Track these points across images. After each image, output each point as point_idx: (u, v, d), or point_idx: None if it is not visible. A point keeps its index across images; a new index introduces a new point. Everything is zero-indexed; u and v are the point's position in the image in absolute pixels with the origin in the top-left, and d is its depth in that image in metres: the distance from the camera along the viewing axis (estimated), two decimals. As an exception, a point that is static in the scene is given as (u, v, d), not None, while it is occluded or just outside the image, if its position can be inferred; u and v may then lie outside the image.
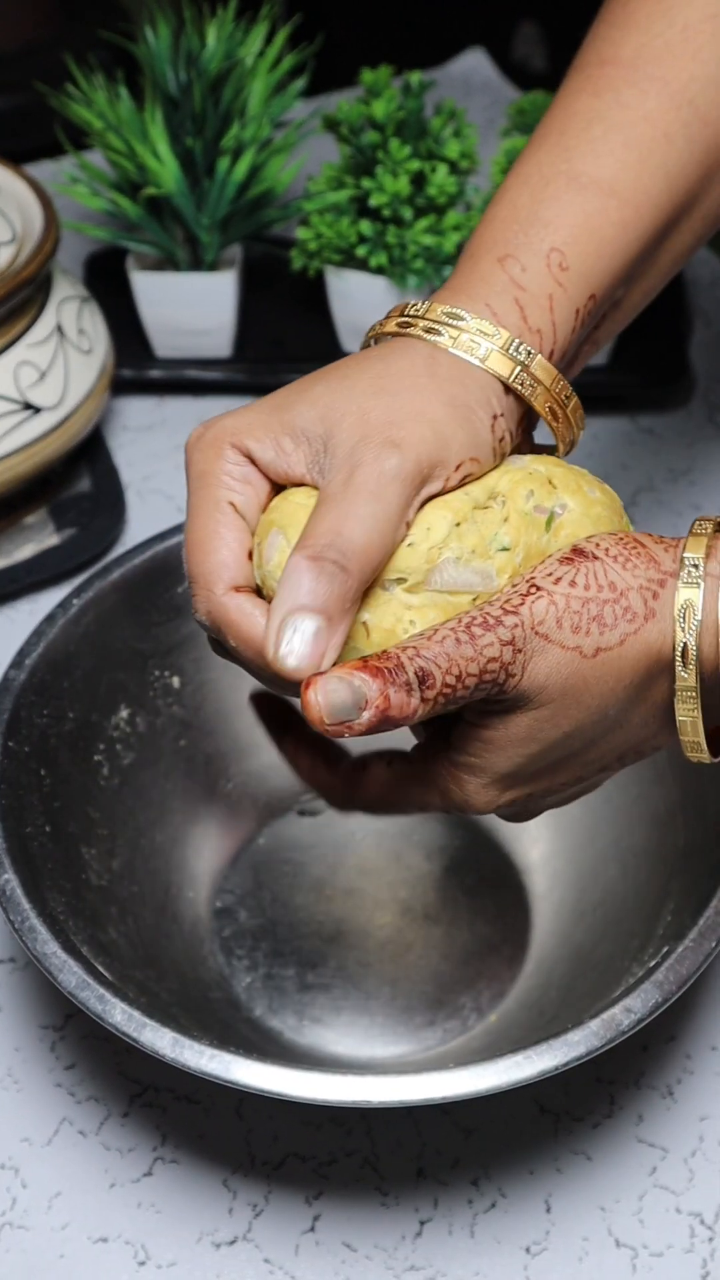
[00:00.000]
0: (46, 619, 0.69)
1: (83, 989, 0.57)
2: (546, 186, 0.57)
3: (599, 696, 0.51)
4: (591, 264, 0.57)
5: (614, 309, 0.61)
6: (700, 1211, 0.63)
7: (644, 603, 0.51)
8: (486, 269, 0.56)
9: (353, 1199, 0.63)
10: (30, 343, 0.85)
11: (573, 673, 0.50)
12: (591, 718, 0.52)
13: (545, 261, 0.56)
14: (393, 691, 0.48)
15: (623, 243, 0.57)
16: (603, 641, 0.50)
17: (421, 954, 0.72)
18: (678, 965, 0.57)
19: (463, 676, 0.49)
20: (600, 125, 0.58)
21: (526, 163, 0.59)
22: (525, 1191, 0.64)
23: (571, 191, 0.57)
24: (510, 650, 0.49)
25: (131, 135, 0.92)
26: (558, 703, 0.51)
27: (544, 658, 0.50)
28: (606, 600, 0.50)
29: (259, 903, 0.74)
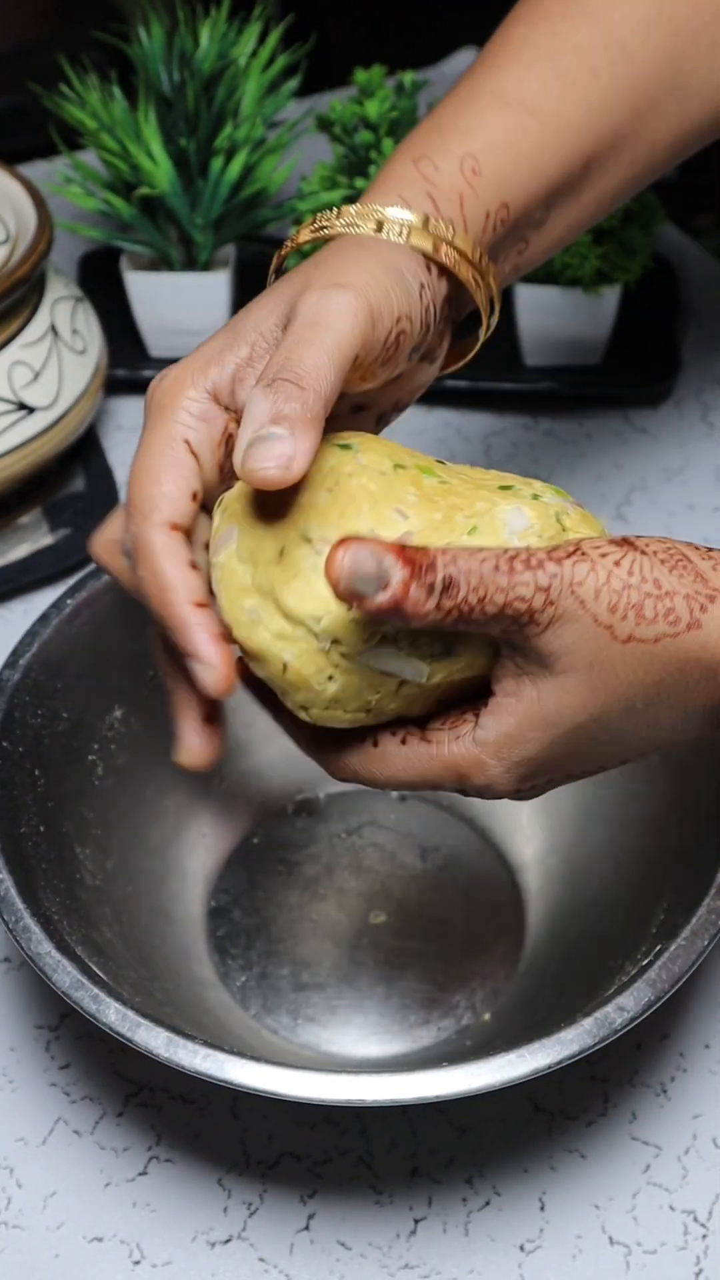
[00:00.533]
0: (40, 619, 0.69)
1: (77, 989, 0.57)
2: (470, 101, 0.59)
3: (627, 685, 0.49)
4: (505, 174, 0.57)
5: (534, 230, 0.61)
6: (694, 1209, 0.63)
7: (689, 612, 0.49)
8: (400, 169, 0.57)
9: (347, 1198, 0.64)
10: (24, 343, 0.85)
11: (599, 650, 0.49)
12: (618, 706, 0.50)
13: (459, 165, 0.57)
14: (415, 586, 0.46)
15: (539, 161, 0.58)
16: (637, 632, 0.49)
17: (416, 953, 0.72)
18: (670, 963, 0.57)
19: (486, 601, 0.47)
20: (531, 51, 0.60)
21: (458, 85, 0.60)
22: (519, 1189, 0.64)
23: (494, 106, 0.58)
24: (542, 598, 0.48)
25: (125, 135, 0.92)
26: (583, 677, 0.49)
27: (573, 624, 0.48)
28: (649, 594, 0.49)
29: (253, 902, 0.74)
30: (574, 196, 0.61)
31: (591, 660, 0.49)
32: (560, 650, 0.49)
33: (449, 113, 0.59)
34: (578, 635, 0.48)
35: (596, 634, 0.48)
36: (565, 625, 0.48)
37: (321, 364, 0.49)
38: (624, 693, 0.50)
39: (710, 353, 1.04)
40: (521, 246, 0.60)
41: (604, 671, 0.49)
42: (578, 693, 0.50)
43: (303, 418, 0.48)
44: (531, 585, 0.48)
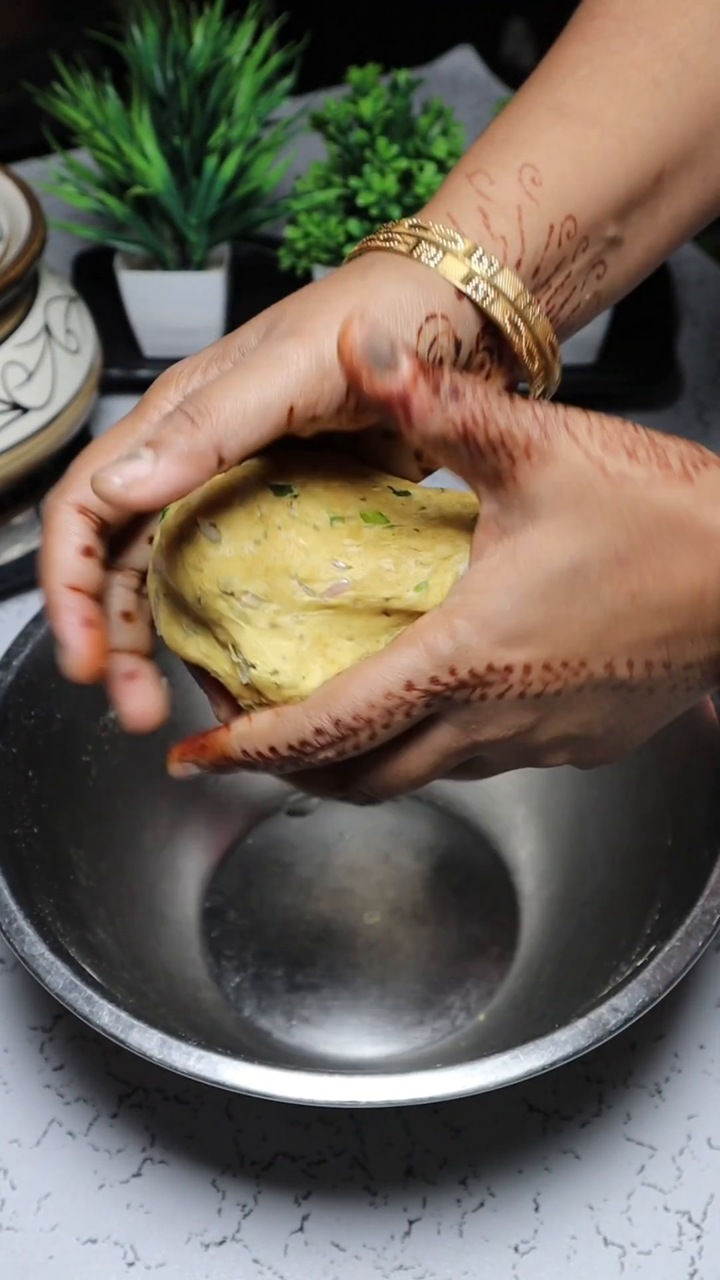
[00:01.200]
0: (34, 620, 0.69)
1: (70, 990, 0.57)
2: (526, 116, 0.56)
3: (611, 526, 0.47)
4: (570, 184, 0.54)
5: (611, 252, 0.58)
6: (688, 1209, 0.63)
7: (682, 466, 0.47)
8: (454, 185, 0.55)
9: (341, 1199, 0.63)
10: (18, 343, 0.84)
11: (588, 484, 0.46)
12: (600, 552, 0.47)
13: (517, 176, 0.54)
14: (423, 382, 0.45)
15: (606, 172, 0.55)
16: (629, 470, 0.46)
17: (410, 953, 0.72)
18: (665, 964, 0.57)
19: (487, 423, 0.46)
20: (587, 66, 0.57)
21: (511, 104, 0.58)
22: (514, 1190, 0.64)
23: (551, 118, 0.55)
24: (539, 431, 0.46)
25: (119, 134, 0.91)
26: (566, 518, 0.47)
27: (564, 461, 0.46)
28: (641, 441, 0.47)
29: (247, 903, 0.74)
30: (649, 214, 0.58)
31: (579, 495, 0.46)
32: (546, 490, 0.47)
33: (502, 129, 0.56)
34: (568, 471, 0.46)
35: (587, 468, 0.46)
36: (557, 463, 0.46)
37: (233, 409, 0.47)
38: (607, 535, 0.47)
39: (706, 352, 1.04)
40: (600, 271, 0.57)
41: (589, 508, 0.46)
42: (558, 534, 0.47)
43: (179, 451, 0.46)
44: (530, 418, 0.46)
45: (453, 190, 0.54)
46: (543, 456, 0.46)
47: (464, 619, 0.47)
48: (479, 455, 0.47)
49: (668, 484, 0.46)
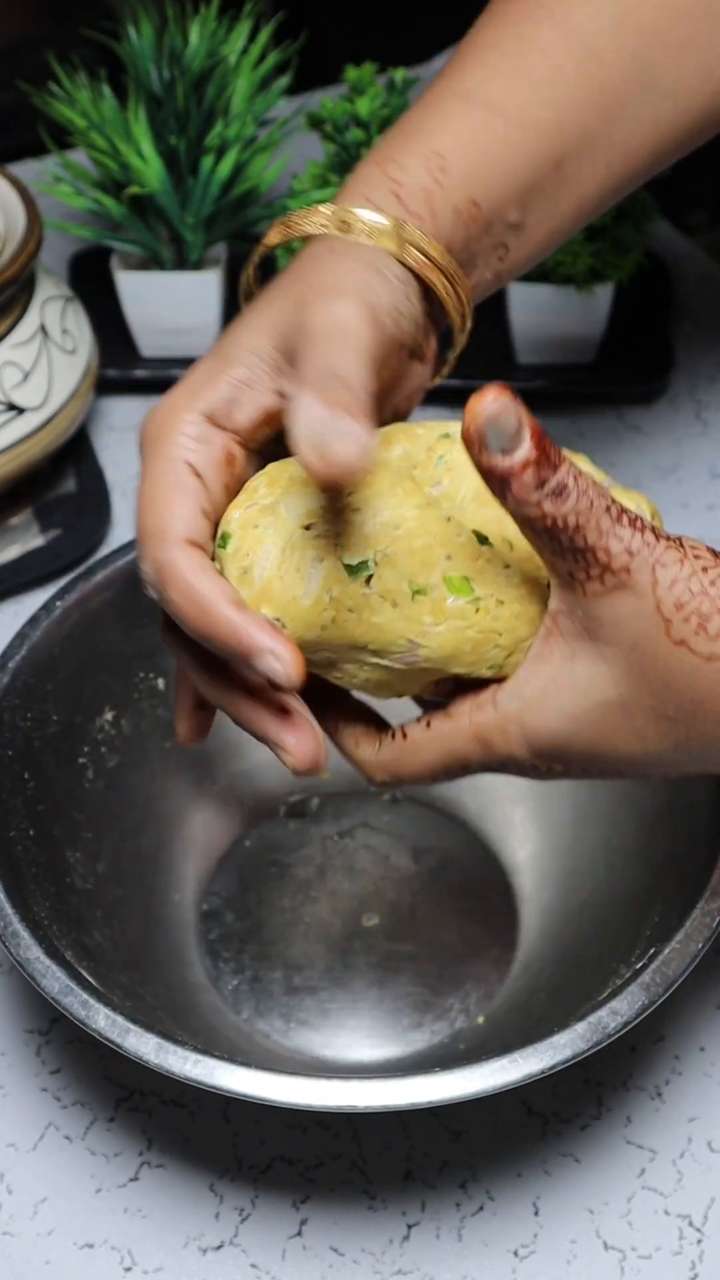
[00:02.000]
0: (30, 621, 0.69)
1: (66, 994, 0.57)
2: (436, 103, 0.58)
3: (662, 685, 0.48)
4: (473, 170, 0.56)
5: (513, 235, 0.59)
6: (689, 1213, 0.63)
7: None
8: (365, 172, 0.56)
9: (340, 1203, 0.63)
10: (14, 343, 0.84)
11: (648, 637, 0.47)
12: (648, 701, 0.48)
13: (425, 163, 0.55)
14: (533, 471, 0.45)
15: (508, 159, 0.57)
16: (693, 641, 0.47)
17: (408, 956, 0.71)
18: (664, 967, 0.57)
19: (581, 531, 0.46)
20: (495, 52, 0.59)
21: (426, 90, 0.60)
22: (513, 1194, 0.63)
23: (459, 106, 0.57)
24: (625, 559, 0.47)
25: (115, 134, 0.91)
26: (622, 653, 0.48)
27: (635, 600, 0.47)
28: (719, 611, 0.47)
29: (245, 905, 0.73)
30: (550, 200, 0.60)
31: (636, 642, 0.47)
32: (610, 619, 0.47)
33: (414, 117, 0.58)
34: (633, 613, 0.47)
35: (652, 621, 0.47)
36: (627, 598, 0.47)
37: (359, 366, 0.48)
38: (658, 691, 0.48)
39: (704, 350, 1.04)
40: (502, 253, 0.59)
41: (644, 659, 0.47)
42: (614, 665, 0.48)
43: (363, 411, 0.46)
44: (625, 541, 0.47)
45: (364, 177, 0.56)
46: (618, 585, 0.47)
47: (518, 727, 0.50)
48: (559, 554, 0.47)
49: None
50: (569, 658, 0.49)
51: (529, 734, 0.50)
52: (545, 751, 0.51)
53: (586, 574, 0.47)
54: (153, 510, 0.50)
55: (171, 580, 0.49)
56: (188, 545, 0.49)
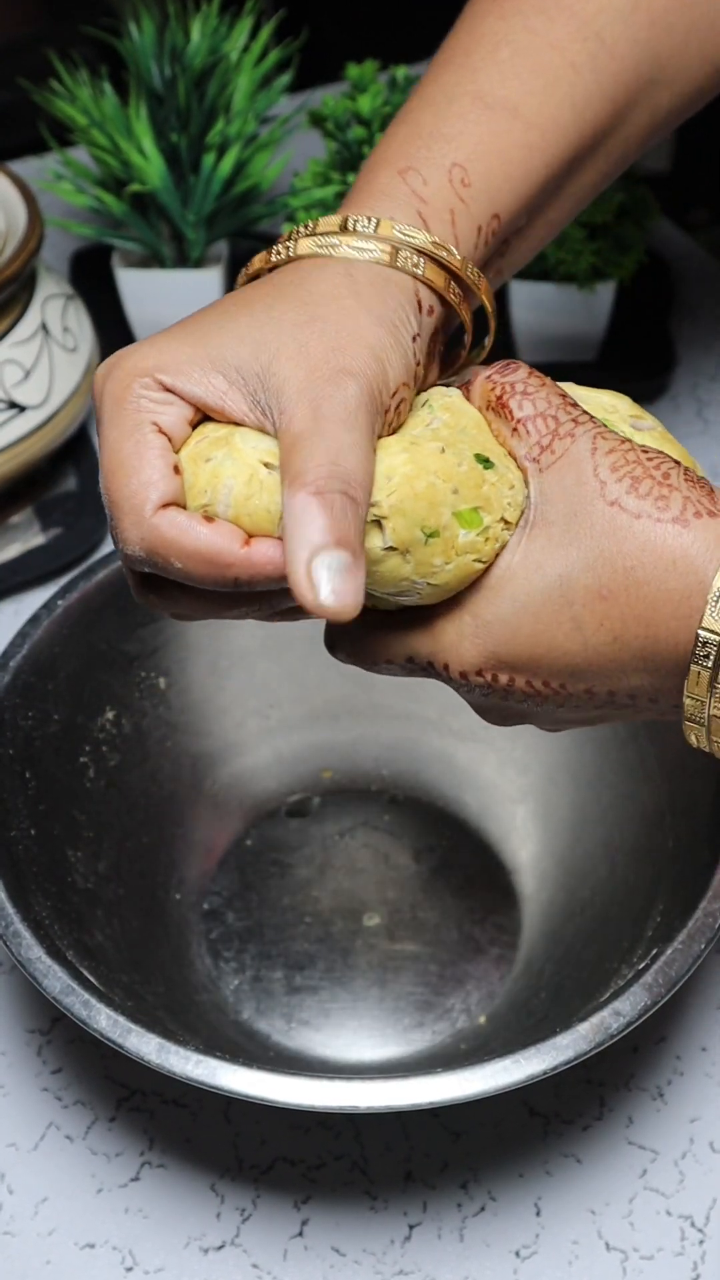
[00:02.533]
0: (31, 620, 0.68)
1: (68, 994, 0.56)
2: (451, 105, 0.56)
3: (597, 551, 0.48)
4: (496, 183, 0.55)
5: (517, 237, 0.59)
6: (690, 1214, 0.62)
7: (682, 508, 0.47)
8: (385, 181, 0.54)
9: (341, 1203, 0.63)
10: (14, 341, 0.84)
11: (585, 501, 0.48)
12: (584, 575, 0.48)
13: (448, 176, 0.54)
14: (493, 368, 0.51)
15: (528, 166, 0.56)
16: (624, 500, 0.47)
17: (410, 956, 0.71)
18: (667, 967, 0.57)
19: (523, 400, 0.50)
20: (507, 48, 0.57)
21: (430, 84, 0.58)
22: (515, 1194, 0.63)
23: (477, 110, 0.56)
24: (571, 424, 0.49)
25: (116, 131, 0.91)
26: (561, 528, 0.48)
27: (573, 469, 0.49)
28: (652, 477, 0.48)
29: (246, 904, 0.73)
30: (557, 198, 0.60)
31: (575, 510, 0.48)
32: (555, 492, 0.49)
33: (428, 117, 0.56)
34: (574, 481, 0.48)
35: (588, 484, 0.48)
36: (569, 467, 0.49)
37: (365, 469, 0.47)
38: (592, 560, 0.48)
39: (705, 348, 1.04)
40: (503, 249, 0.59)
41: (581, 525, 0.48)
42: (556, 542, 0.48)
43: (359, 540, 0.45)
44: (573, 415, 0.50)
45: (385, 189, 0.54)
46: (564, 455, 0.49)
47: (471, 617, 0.50)
48: (518, 431, 0.49)
49: (657, 523, 0.47)
50: (524, 547, 0.49)
51: (478, 625, 0.50)
52: (489, 648, 0.50)
53: (539, 445, 0.49)
54: (123, 476, 0.48)
55: (171, 550, 0.47)
56: (168, 510, 0.48)
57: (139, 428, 0.48)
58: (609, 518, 0.48)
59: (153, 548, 0.47)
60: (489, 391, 0.51)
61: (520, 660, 0.50)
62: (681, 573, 0.47)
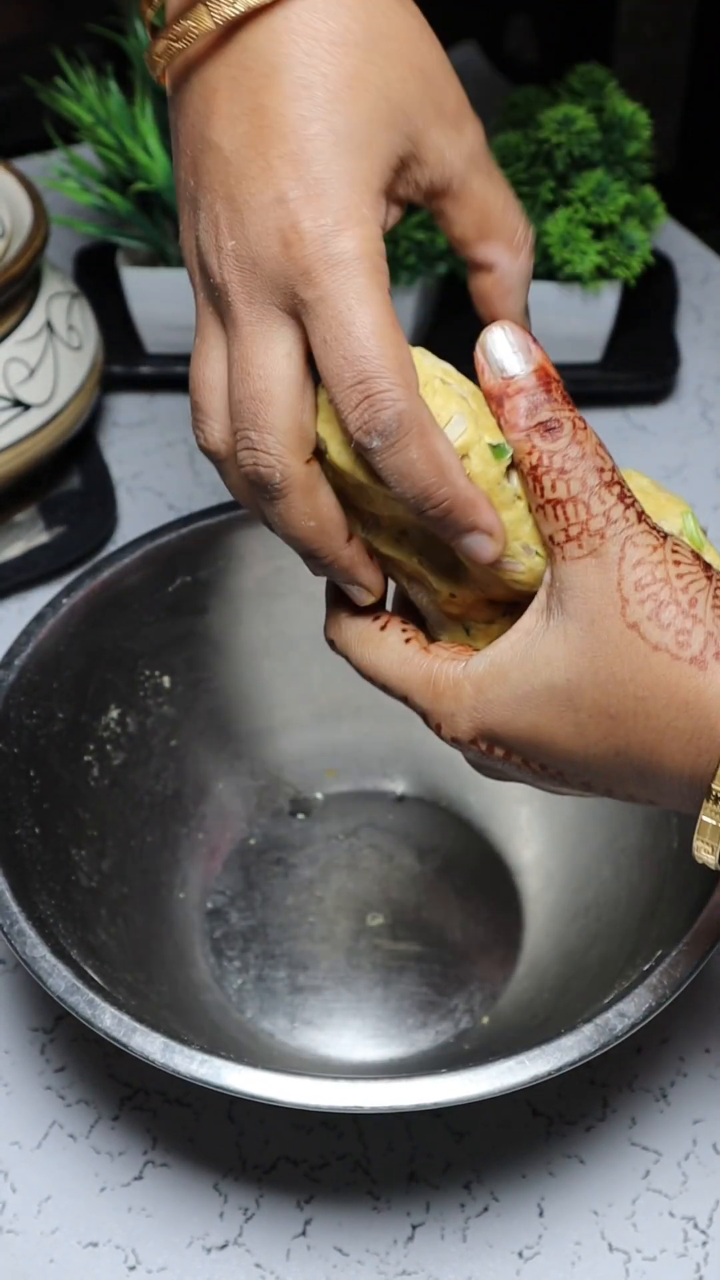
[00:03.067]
0: (36, 619, 0.68)
1: (72, 993, 0.56)
2: None
3: (609, 672, 0.46)
4: None
5: None
6: (694, 1215, 0.62)
7: (703, 647, 0.45)
8: None
9: (344, 1203, 0.63)
10: (19, 339, 0.84)
11: (604, 613, 0.45)
12: (593, 690, 0.46)
13: None
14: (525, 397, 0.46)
15: None
16: (644, 627, 0.45)
17: (413, 956, 0.71)
18: (671, 969, 0.57)
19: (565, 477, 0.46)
20: None
21: None
22: (518, 1195, 0.63)
23: None
24: (603, 522, 0.45)
25: (121, 130, 0.91)
26: (581, 629, 0.46)
27: (600, 573, 0.45)
28: (679, 605, 0.45)
29: (250, 904, 0.73)
30: None
31: (594, 618, 0.46)
32: (577, 589, 0.46)
33: None
34: (597, 586, 0.46)
35: (612, 598, 0.45)
36: (594, 568, 0.46)
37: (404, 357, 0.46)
38: (604, 681, 0.46)
39: (710, 349, 1.04)
40: None
41: (599, 639, 0.46)
42: (570, 643, 0.46)
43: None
44: (607, 506, 0.46)
45: None
46: (590, 552, 0.46)
47: (473, 689, 0.49)
48: (544, 510, 0.46)
49: (673, 661, 0.45)
50: (540, 631, 0.47)
51: (479, 701, 0.49)
52: (486, 725, 0.49)
53: (566, 534, 0.46)
54: (395, 341, 0.45)
55: (418, 435, 0.45)
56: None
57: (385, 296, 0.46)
58: (627, 641, 0.45)
59: (403, 422, 0.45)
60: (524, 454, 0.47)
61: (519, 744, 0.49)
62: (693, 715, 0.45)
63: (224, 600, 0.74)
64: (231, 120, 0.46)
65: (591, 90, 0.93)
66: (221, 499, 0.90)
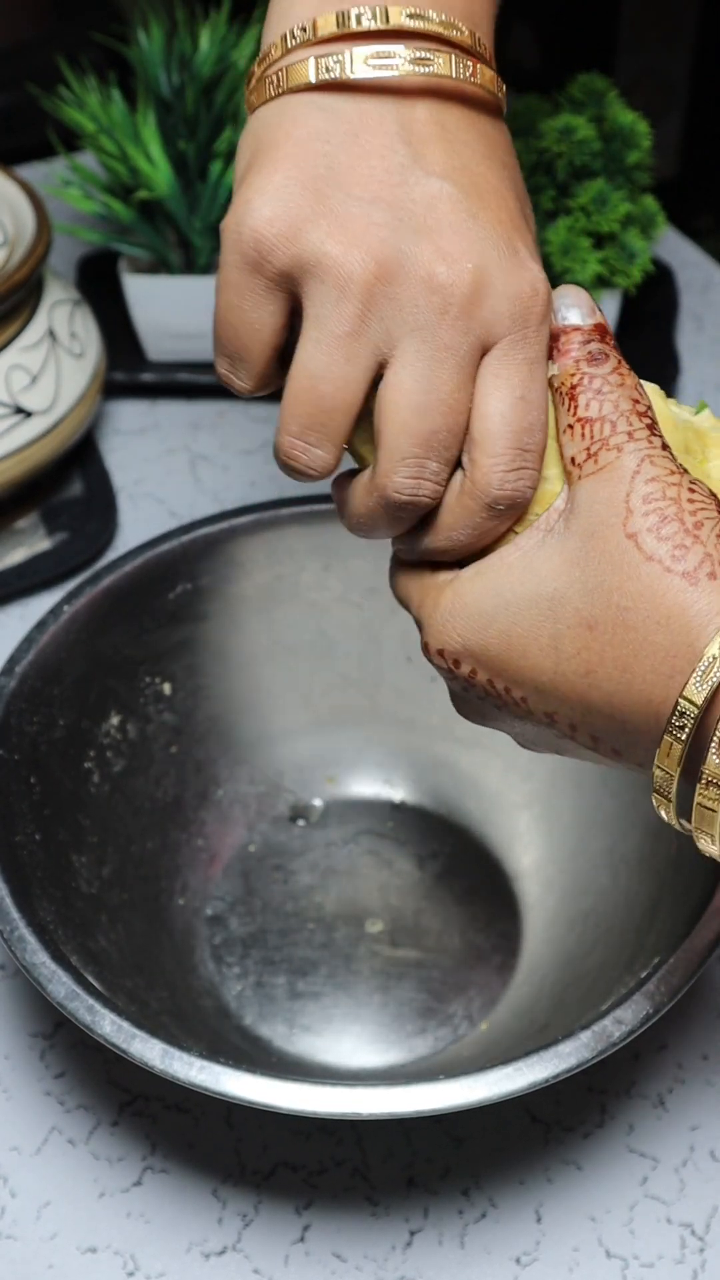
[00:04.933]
0: (37, 626, 0.69)
1: (72, 999, 0.57)
2: None
3: (597, 579, 0.45)
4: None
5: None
6: (691, 1222, 0.63)
7: (698, 564, 0.44)
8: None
9: (343, 1209, 0.63)
10: (22, 346, 0.84)
11: (607, 524, 0.45)
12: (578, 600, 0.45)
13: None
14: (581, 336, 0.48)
15: None
16: (643, 538, 0.44)
17: (412, 962, 0.71)
18: (669, 976, 0.57)
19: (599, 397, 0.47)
20: None
21: None
22: (516, 1201, 0.63)
23: None
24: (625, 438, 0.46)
25: (124, 138, 0.91)
26: (577, 543, 0.46)
27: (613, 486, 0.46)
28: (683, 523, 0.44)
29: (249, 910, 0.73)
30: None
31: (594, 529, 0.45)
32: (584, 503, 0.46)
33: None
34: (605, 499, 0.45)
35: (616, 508, 0.45)
36: (606, 483, 0.46)
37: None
38: (591, 589, 0.45)
39: (711, 357, 1.04)
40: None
41: (593, 549, 0.45)
42: (564, 555, 0.46)
43: None
44: (632, 427, 0.46)
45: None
46: (606, 467, 0.46)
47: (452, 591, 0.49)
48: (572, 428, 0.47)
49: (665, 572, 0.44)
50: (534, 547, 0.47)
51: (455, 605, 0.48)
52: (457, 631, 0.48)
53: (587, 452, 0.46)
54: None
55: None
56: None
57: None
58: (622, 550, 0.45)
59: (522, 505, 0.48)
60: (568, 375, 0.48)
61: (486, 656, 0.48)
62: (672, 630, 0.44)
63: (225, 607, 0.74)
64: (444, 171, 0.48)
65: (592, 100, 0.93)
66: (223, 506, 0.90)
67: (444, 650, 0.49)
